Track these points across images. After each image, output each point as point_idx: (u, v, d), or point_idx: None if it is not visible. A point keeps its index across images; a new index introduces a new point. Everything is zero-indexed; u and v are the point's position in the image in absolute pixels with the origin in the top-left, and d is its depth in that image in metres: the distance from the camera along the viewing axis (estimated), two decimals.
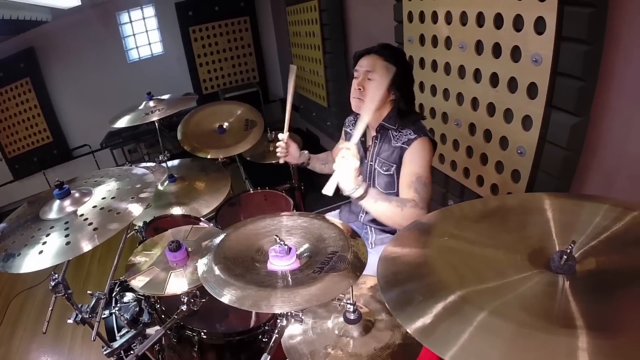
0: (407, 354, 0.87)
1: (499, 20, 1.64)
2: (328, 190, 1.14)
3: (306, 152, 1.96)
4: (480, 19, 1.73)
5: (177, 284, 1.01)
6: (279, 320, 0.87)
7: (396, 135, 1.50)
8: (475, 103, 1.91)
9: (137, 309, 1.37)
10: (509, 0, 1.56)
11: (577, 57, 1.42)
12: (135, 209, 1.02)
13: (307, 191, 2.51)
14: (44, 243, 0.99)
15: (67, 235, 1.01)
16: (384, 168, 1.53)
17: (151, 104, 2.19)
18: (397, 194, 1.51)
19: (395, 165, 1.50)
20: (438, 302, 0.56)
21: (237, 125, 2.35)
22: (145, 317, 1.39)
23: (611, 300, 0.55)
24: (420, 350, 0.89)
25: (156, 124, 2.23)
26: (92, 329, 1.41)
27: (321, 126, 4.23)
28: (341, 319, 0.92)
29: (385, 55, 1.45)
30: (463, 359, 0.49)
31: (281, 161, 1.87)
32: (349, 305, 0.85)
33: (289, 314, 0.86)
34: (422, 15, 2.07)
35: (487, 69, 1.77)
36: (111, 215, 1.01)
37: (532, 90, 1.60)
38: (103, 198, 1.10)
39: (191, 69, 5.16)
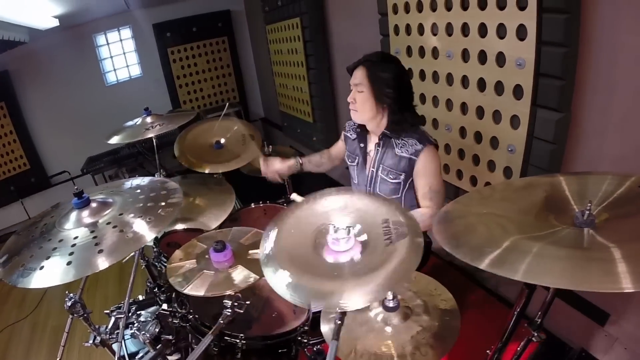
0: (447, 333, 0.93)
1: (483, 30, 1.79)
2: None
3: (294, 160, 2.03)
4: (465, 29, 1.87)
5: (223, 285, 0.99)
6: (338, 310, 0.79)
7: (399, 144, 1.55)
8: (464, 108, 2.04)
9: (158, 327, 1.34)
10: (491, 10, 1.71)
11: (557, 58, 1.58)
12: (168, 215, 1.01)
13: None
14: (71, 254, 0.95)
15: (96, 244, 0.97)
16: (391, 176, 1.58)
17: (149, 119, 2.18)
18: (400, 199, 1.59)
19: (404, 173, 1.55)
20: (499, 246, 0.70)
21: (234, 140, 2.38)
22: (168, 335, 1.36)
23: (627, 230, 0.71)
24: (459, 326, 0.95)
25: (154, 140, 2.22)
26: (109, 350, 1.38)
27: (306, 142, 4.30)
28: (380, 309, 0.97)
29: (369, 66, 1.52)
30: (532, 275, 0.63)
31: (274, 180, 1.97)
32: (389, 294, 0.90)
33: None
34: (408, 28, 2.21)
35: (474, 75, 1.90)
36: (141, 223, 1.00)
37: (517, 92, 1.74)
38: (126, 207, 1.08)
39: (171, 90, 5.15)
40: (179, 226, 1.97)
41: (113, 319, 1.27)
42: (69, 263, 0.92)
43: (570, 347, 1.81)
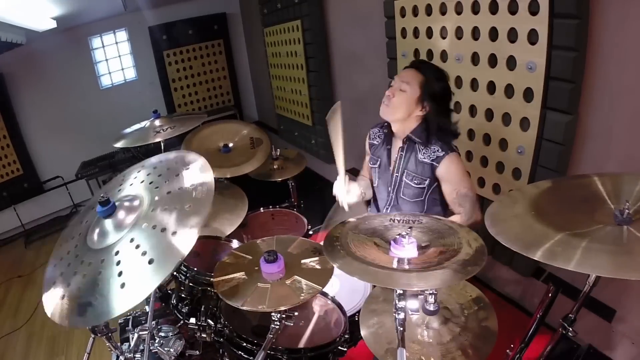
0: (486, 334, 0.96)
1: (493, 33, 1.83)
2: None
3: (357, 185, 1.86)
4: (475, 33, 1.91)
5: (286, 298, 0.92)
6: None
7: (422, 150, 1.55)
8: (473, 110, 2.07)
9: (182, 342, 1.26)
10: (503, 15, 1.75)
11: (567, 62, 1.62)
12: (205, 195, 0.93)
13: (306, 209, 2.55)
14: (120, 274, 0.83)
15: (144, 254, 0.84)
16: (415, 181, 1.59)
17: (157, 122, 2.15)
18: (423, 202, 1.61)
19: (428, 179, 1.56)
20: (550, 240, 0.77)
21: (242, 143, 2.36)
22: (194, 350, 1.31)
23: None
24: (496, 329, 0.98)
25: (162, 144, 2.19)
26: None
27: (305, 145, 4.30)
28: (419, 313, 0.98)
29: (424, 70, 1.53)
30: (583, 266, 0.70)
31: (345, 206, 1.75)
32: (430, 297, 0.91)
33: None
34: (416, 31, 2.24)
35: (483, 78, 1.94)
36: (183, 213, 0.89)
37: (528, 95, 1.78)
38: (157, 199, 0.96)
39: (166, 94, 5.11)
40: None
41: (135, 335, 1.19)
42: (122, 285, 0.81)
43: (578, 344, 1.85)
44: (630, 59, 1.57)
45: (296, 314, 0.94)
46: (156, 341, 1.27)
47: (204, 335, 1.19)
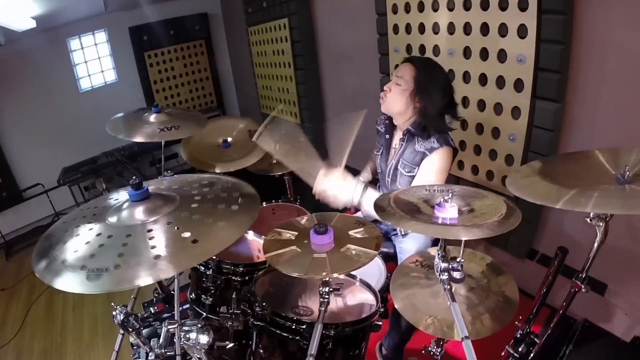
0: (509, 296, 1.06)
1: (484, 29, 1.94)
2: None
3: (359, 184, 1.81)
4: (467, 28, 2.02)
5: (345, 263, 0.95)
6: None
7: (421, 141, 1.60)
8: (465, 101, 2.18)
9: (210, 333, 1.19)
10: (494, 11, 1.86)
11: (555, 54, 1.75)
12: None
13: (302, 204, 2.60)
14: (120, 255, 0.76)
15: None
16: (407, 169, 1.65)
17: (153, 118, 2.07)
18: None
19: (417, 167, 1.61)
20: (567, 195, 0.88)
21: (241, 137, 2.38)
22: (223, 341, 1.31)
23: None
24: (517, 290, 1.07)
25: (162, 143, 2.17)
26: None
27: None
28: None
29: (417, 65, 1.58)
30: (599, 208, 0.84)
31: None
32: (455, 264, 0.99)
33: None
34: (408, 27, 2.33)
35: (475, 70, 2.05)
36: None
37: (518, 85, 1.90)
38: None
39: (148, 95, 5.02)
40: None
41: (164, 329, 1.15)
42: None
43: (574, 319, 1.96)
44: (610, 51, 1.71)
45: (342, 284, 0.99)
46: (182, 336, 1.21)
47: (236, 324, 1.21)
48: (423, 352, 1.21)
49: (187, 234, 0.80)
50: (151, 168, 5.08)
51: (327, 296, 0.95)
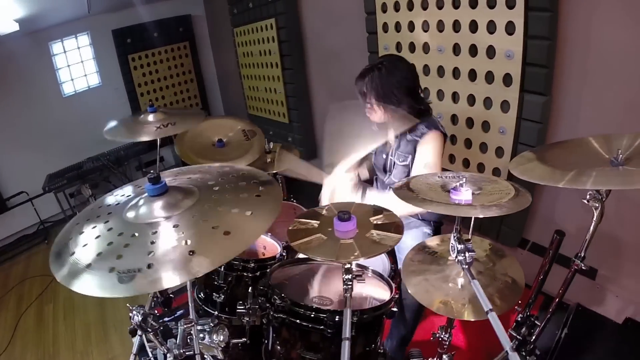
0: (515, 277, 1.13)
1: (473, 26, 2.00)
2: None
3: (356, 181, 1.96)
4: (456, 26, 2.08)
5: (374, 247, 0.99)
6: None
7: (412, 130, 1.64)
8: (455, 97, 2.25)
9: (225, 331, 1.22)
10: (482, 9, 1.93)
11: (542, 50, 1.83)
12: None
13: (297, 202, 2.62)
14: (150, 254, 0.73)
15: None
16: (401, 159, 1.70)
17: (150, 117, 2.03)
18: None
19: (410, 155, 1.67)
20: (567, 176, 0.94)
21: (236, 138, 2.38)
22: (239, 338, 1.32)
23: None
24: (522, 271, 1.13)
25: (158, 141, 2.13)
26: None
27: (280, 143, 4.35)
28: (455, 268, 1.11)
29: (358, 83, 1.63)
30: (597, 184, 0.90)
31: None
32: (469, 245, 1.03)
33: None
34: (398, 26, 2.38)
35: (465, 66, 2.12)
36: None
37: (507, 80, 1.97)
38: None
39: (132, 99, 4.95)
40: None
41: (180, 329, 1.15)
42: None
43: (567, 304, 2.04)
44: (592, 46, 1.80)
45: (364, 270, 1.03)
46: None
47: (253, 319, 1.20)
48: (432, 338, 1.25)
49: (216, 226, 0.79)
50: (137, 172, 5.02)
51: (350, 283, 0.98)
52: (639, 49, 1.67)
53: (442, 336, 1.24)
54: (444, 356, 1.29)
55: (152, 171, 0.92)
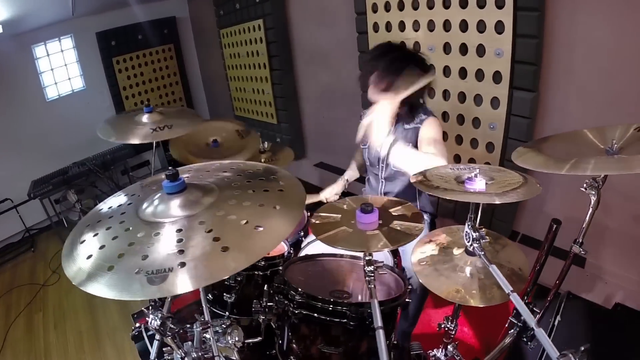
0: (520, 266, 1.18)
1: (463, 25, 2.06)
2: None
3: (342, 181, 2.08)
4: (446, 25, 2.13)
5: (398, 236, 1.03)
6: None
7: (408, 120, 1.67)
8: (446, 94, 2.30)
9: (240, 330, 1.18)
10: (472, 9, 1.98)
11: (530, 48, 1.89)
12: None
13: None
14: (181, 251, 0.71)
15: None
16: None
17: (146, 118, 2.00)
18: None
19: (410, 143, 1.61)
20: (567, 163, 0.98)
21: (230, 138, 2.38)
22: (255, 337, 1.30)
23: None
24: (526, 261, 1.17)
25: (154, 143, 2.11)
26: None
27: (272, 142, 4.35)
28: (462, 259, 1.16)
29: (390, 67, 1.62)
30: (597, 170, 0.94)
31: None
32: (483, 232, 1.07)
33: None
34: (388, 25, 2.43)
35: (455, 64, 2.17)
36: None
37: (497, 77, 2.03)
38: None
39: (117, 102, 4.86)
40: None
41: (196, 331, 1.11)
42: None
43: (557, 292, 2.12)
44: (577, 44, 1.88)
45: (382, 262, 1.06)
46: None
47: (269, 317, 1.20)
48: (438, 329, 1.29)
49: (245, 222, 0.78)
50: (123, 176, 4.94)
51: (372, 274, 1.01)
52: (621, 45, 1.76)
53: (449, 326, 1.28)
54: (449, 346, 1.33)
55: (170, 168, 0.89)
